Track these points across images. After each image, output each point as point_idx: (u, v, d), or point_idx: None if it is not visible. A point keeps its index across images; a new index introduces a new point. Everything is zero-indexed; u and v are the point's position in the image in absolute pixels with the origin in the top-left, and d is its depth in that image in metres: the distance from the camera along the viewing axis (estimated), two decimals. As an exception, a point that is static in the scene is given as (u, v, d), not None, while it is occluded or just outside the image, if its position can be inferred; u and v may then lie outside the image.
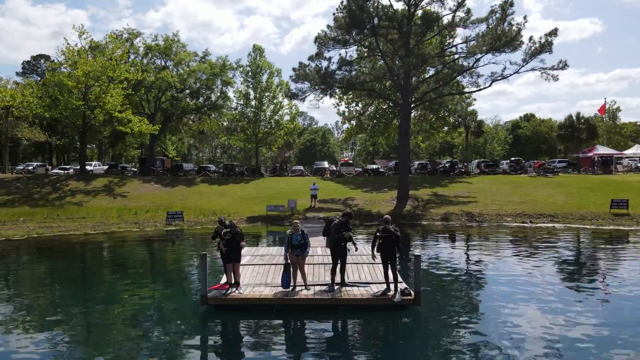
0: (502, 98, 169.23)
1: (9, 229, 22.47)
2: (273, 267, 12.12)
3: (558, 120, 73.43)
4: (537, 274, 13.24)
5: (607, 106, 71.84)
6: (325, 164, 55.14)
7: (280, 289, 10.36)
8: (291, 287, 10.28)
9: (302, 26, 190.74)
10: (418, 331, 9.00)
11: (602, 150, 44.74)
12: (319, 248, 14.53)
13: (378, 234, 9.85)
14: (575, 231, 22.45)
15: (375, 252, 10.01)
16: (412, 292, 9.75)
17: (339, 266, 10.48)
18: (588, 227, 23.63)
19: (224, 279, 10.98)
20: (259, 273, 11.84)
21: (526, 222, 25.12)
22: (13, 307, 10.61)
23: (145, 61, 47.93)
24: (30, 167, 46.49)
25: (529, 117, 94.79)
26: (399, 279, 10.26)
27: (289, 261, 10.31)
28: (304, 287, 10.29)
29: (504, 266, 14.60)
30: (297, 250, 10.18)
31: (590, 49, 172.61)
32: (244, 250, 12.01)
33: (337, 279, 10.44)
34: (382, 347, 8.35)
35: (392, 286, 9.89)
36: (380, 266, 10.37)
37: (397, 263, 10.18)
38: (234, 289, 10.26)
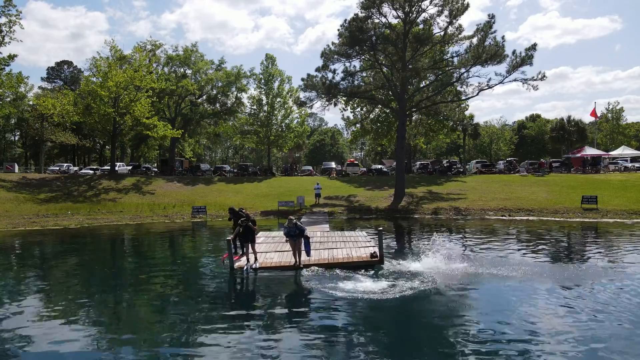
0: (516, 97, 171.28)
1: (63, 220, 26.73)
2: (280, 244, 16.31)
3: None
4: (482, 253, 16.89)
5: (610, 107, 74.79)
6: (333, 165, 59.03)
7: (284, 255, 14.34)
8: (294, 262, 14.00)
9: (317, 26, 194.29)
10: (382, 276, 12.74)
11: (590, 151, 47.74)
12: (318, 232, 18.38)
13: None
14: (544, 223, 25.88)
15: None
16: (378, 255, 13.68)
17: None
18: (558, 219, 27.04)
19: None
20: (270, 244, 16.33)
21: (505, 216, 28.63)
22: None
23: (166, 70, 52.32)
24: (62, 168, 51.05)
25: (534, 118, 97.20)
26: (374, 244, 14.08)
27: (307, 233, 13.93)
28: (298, 263, 13.86)
29: (457, 245, 18.23)
30: (294, 238, 13.73)
31: (609, 46, 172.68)
32: (261, 234, 16.01)
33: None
34: (356, 288, 12.12)
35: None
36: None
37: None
38: (253, 263, 13.98)
